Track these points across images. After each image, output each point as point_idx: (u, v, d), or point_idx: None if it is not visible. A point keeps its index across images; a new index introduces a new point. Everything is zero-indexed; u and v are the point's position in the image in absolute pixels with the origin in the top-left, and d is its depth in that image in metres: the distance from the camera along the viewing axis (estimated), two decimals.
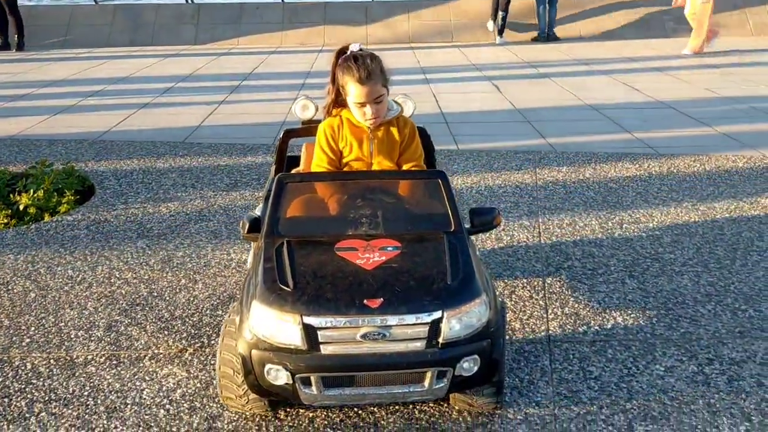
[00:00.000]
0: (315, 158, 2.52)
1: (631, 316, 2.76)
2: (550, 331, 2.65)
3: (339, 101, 2.49)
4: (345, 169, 2.50)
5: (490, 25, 11.36)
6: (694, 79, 7.77)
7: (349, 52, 2.43)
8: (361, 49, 2.44)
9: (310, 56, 9.93)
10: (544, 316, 2.76)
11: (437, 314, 1.91)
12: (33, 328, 2.70)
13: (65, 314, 2.81)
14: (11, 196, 3.99)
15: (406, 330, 1.90)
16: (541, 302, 2.87)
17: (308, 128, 2.88)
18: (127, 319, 2.77)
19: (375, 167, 2.49)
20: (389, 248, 2.10)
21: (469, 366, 1.94)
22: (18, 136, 5.59)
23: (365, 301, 1.90)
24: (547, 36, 11.17)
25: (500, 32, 11.14)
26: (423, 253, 2.10)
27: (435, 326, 1.91)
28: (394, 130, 2.50)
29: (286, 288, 1.97)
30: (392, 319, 1.89)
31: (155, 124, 5.96)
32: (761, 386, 2.31)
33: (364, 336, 1.89)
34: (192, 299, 2.93)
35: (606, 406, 2.22)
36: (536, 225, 3.68)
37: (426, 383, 1.94)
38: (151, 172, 4.62)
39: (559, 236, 3.53)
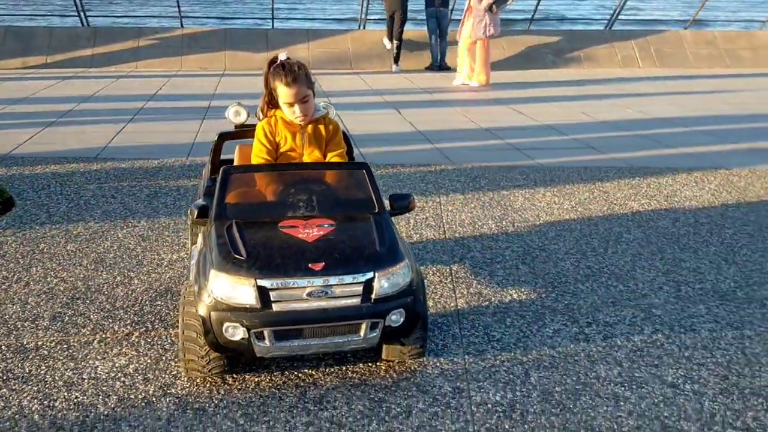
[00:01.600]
0: (255, 150, 2.85)
1: (524, 293, 3.23)
2: (459, 307, 3.06)
3: (272, 103, 2.86)
4: (280, 159, 2.85)
5: (386, 42, 12.01)
6: (573, 105, 8.63)
7: (278, 61, 2.81)
8: (288, 58, 2.82)
9: (212, 80, 10.11)
10: (453, 295, 3.17)
11: (370, 275, 2.30)
12: None
13: (7, 309, 2.94)
14: None
15: (345, 288, 2.28)
16: (449, 285, 3.28)
17: (241, 131, 3.23)
18: (70, 311, 2.94)
19: (306, 157, 2.86)
20: (325, 225, 2.46)
21: (396, 318, 2.33)
22: None
23: (310, 265, 2.26)
24: (439, 65, 11.92)
25: (396, 61, 11.78)
26: (354, 229, 2.48)
27: (368, 285, 2.29)
28: (321, 127, 2.89)
29: (240, 257, 2.29)
30: (333, 279, 2.26)
31: (64, 143, 5.99)
32: (629, 341, 2.81)
33: (309, 294, 2.25)
34: (130, 293, 3.13)
35: (507, 360, 2.65)
36: (441, 225, 4.12)
37: (362, 333, 2.31)
38: (68, 184, 4.72)
39: (461, 234, 3.99)
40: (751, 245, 3.91)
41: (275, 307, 2.24)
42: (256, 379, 2.46)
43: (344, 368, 2.54)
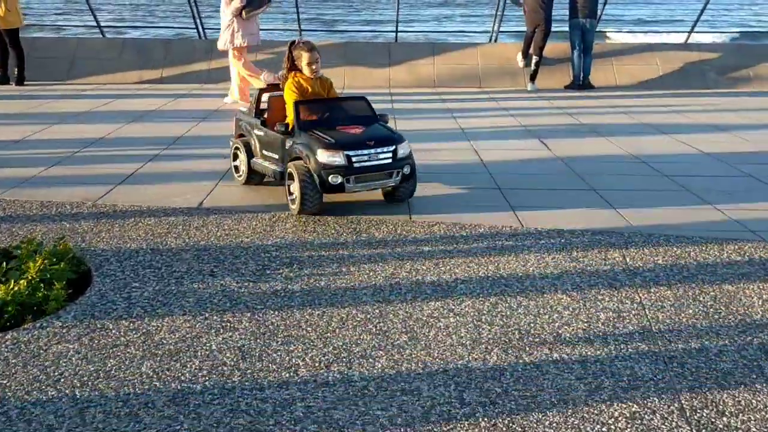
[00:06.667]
0: (289, 95, 4.67)
1: None
2: None
3: (292, 68, 4.74)
4: (310, 98, 4.71)
5: (520, 59, 10.80)
6: (758, 138, 7.04)
7: (297, 41, 4.78)
8: (304, 40, 4.83)
9: None
10: None
11: (393, 147, 4.40)
12: None
13: None
14: None
15: (384, 154, 4.36)
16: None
17: (271, 87, 5.16)
18: None
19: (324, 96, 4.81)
20: (360, 127, 4.52)
21: (407, 169, 4.46)
22: (4, 196, 4.80)
23: (367, 143, 4.34)
24: (581, 83, 10.50)
25: (532, 78, 10.47)
26: (374, 128, 4.57)
27: (394, 152, 4.39)
28: (324, 81, 4.82)
29: (331, 140, 4.32)
30: (379, 149, 4.35)
31: (165, 183, 5.18)
32: None
33: (368, 157, 4.32)
34: None
35: None
36: (653, 336, 2.86)
37: (393, 177, 4.43)
38: (160, 251, 3.83)
39: (683, 352, 2.71)
40: None
41: (355, 165, 4.29)
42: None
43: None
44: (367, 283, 3.46)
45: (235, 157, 5.17)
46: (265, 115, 4.91)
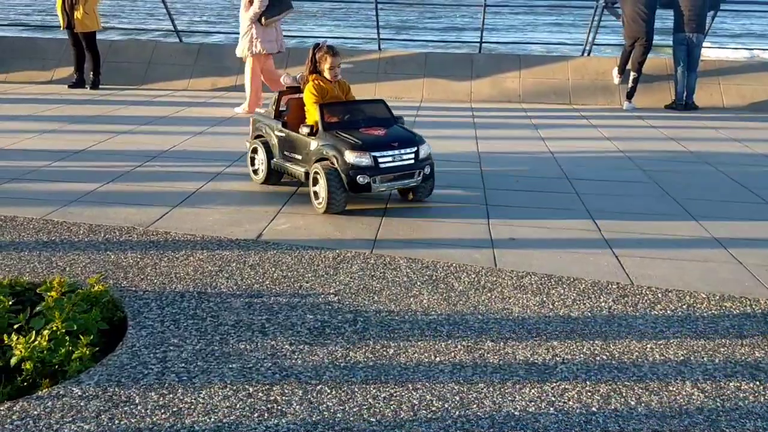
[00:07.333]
0: (309, 98, 4.84)
1: None
2: None
3: (313, 71, 4.94)
4: (328, 101, 4.88)
5: (616, 75, 9.93)
6: None
7: (321, 44, 5.00)
8: (327, 44, 5.02)
9: (409, 112, 8.66)
10: None
11: (416, 148, 4.64)
12: None
13: None
14: (5, 338, 2.76)
15: (407, 155, 4.60)
16: None
17: (291, 90, 5.26)
18: None
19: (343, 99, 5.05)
20: (381, 129, 4.73)
21: (428, 169, 4.72)
22: (53, 216, 4.44)
23: (391, 144, 4.57)
24: (685, 104, 9.56)
25: (629, 96, 9.61)
26: (395, 129, 4.78)
27: (416, 153, 4.63)
28: (342, 84, 5.08)
29: (358, 142, 4.51)
30: (402, 150, 4.58)
31: (226, 204, 4.73)
32: None
33: (393, 158, 4.55)
34: None
35: None
36: None
37: (415, 176, 4.67)
38: (208, 295, 3.34)
39: None
40: None
41: (381, 166, 4.50)
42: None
43: None
44: (445, 355, 2.86)
45: (252, 159, 5.33)
46: (285, 117, 5.08)
